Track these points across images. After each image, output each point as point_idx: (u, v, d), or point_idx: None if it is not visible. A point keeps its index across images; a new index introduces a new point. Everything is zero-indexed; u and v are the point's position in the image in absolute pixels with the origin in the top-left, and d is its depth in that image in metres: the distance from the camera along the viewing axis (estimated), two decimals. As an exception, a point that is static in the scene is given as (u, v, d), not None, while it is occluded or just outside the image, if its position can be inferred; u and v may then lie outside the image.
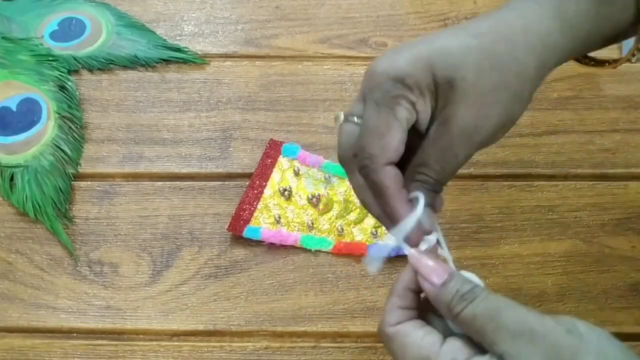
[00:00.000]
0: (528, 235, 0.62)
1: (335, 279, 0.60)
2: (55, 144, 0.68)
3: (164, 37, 0.76)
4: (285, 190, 0.64)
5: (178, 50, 0.75)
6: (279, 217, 0.63)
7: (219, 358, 0.57)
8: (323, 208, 0.63)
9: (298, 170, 0.65)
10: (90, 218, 0.64)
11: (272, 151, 0.67)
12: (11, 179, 0.66)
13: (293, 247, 0.62)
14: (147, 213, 0.64)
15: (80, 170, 0.67)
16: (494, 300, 0.38)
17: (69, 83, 0.72)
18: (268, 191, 0.64)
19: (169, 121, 0.70)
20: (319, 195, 0.64)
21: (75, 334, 0.58)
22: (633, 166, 0.66)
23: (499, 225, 0.63)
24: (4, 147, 0.68)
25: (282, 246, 0.62)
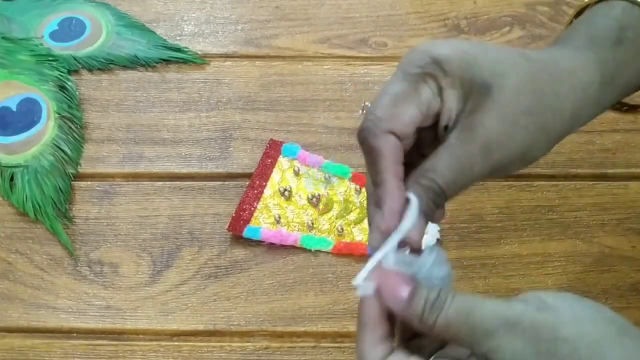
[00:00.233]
0: (528, 235, 0.62)
1: (335, 279, 0.60)
2: (55, 144, 0.68)
3: (164, 37, 0.76)
4: (285, 190, 0.64)
5: (178, 50, 0.75)
6: (279, 217, 0.63)
7: (219, 358, 0.57)
8: (323, 208, 0.64)
9: (298, 170, 0.65)
10: (90, 218, 0.64)
11: (272, 151, 0.67)
12: (11, 179, 0.66)
13: (293, 247, 0.62)
14: (147, 213, 0.64)
15: (80, 170, 0.67)
16: (461, 301, 0.36)
17: (69, 83, 0.72)
18: (268, 191, 0.64)
19: (169, 121, 0.70)
20: (319, 195, 0.64)
21: (75, 334, 0.58)
22: (633, 166, 0.66)
23: (499, 225, 0.63)
24: (4, 147, 0.68)
25: (282, 246, 0.62)
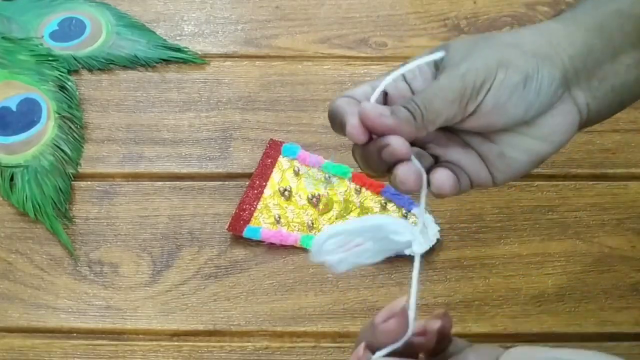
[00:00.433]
0: (528, 235, 0.62)
1: (335, 279, 0.60)
2: (55, 144, 0.68)
3: (164, 37, 0.76)
4: (285, 190, 0.64)
5: (178, 50, 0.75)
6: (279, 217, 0.63)
7: (219, 358, 0.57)
8: (323, 208, 0.63)
9: (298, 170, 0.65)
10: (90, 218, 0.64)
11: (272, 151, 0.67)
12: (11, 179, 0.66)
13: (293, 247, 0.62)
14: (147, 213, 0.64)
15: (80, 170, 0.67)
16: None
17: (69, 83, 0.72)
18: (268, 191, 0.64)
19: (169, 121, 0.70)
20: (319, 195, 0.64)
21: (75, 334, 0.58)
22: (633, 166, 0.66)
23: (499, 225, 0.63)
24: (4, 147, 0.68)
25: (282, 246, 0.62)
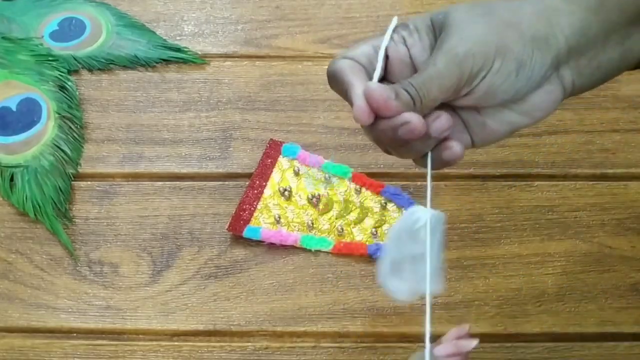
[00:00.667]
0: (528, 235, 0.62)
1: (335, 279, 0.60)
2: (55, 144, 0.68)
3: (164, 37, 0.76)
4: (285, 190, 0.64)
5: (178, 50, 0.75)
6: (279, 217, 0.63)
7: (219, 358, 0.57)
8: (323, 208, 0.63)
9: (298, 170, 0.65)
10: (90, 218, 0.64)
11: (272, 151, 0.67)
12: (11, 179, 0.66)
13: (293, 247, 0.62)
14: (147, 213, 0.64)
15: (80, 170, 0.67)
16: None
17: (69, 83, 0.72)
18: (268, 191, 0.64)
19: (169, 121, 0.70)
20: (319, 195, 0.64)
21: (75, 334, 0.58)
22: (633, 166, 0.66)
23: (499, 225, 0.63)
24: (4, 147, 0.68)
25: (282, 246, 0.62)
